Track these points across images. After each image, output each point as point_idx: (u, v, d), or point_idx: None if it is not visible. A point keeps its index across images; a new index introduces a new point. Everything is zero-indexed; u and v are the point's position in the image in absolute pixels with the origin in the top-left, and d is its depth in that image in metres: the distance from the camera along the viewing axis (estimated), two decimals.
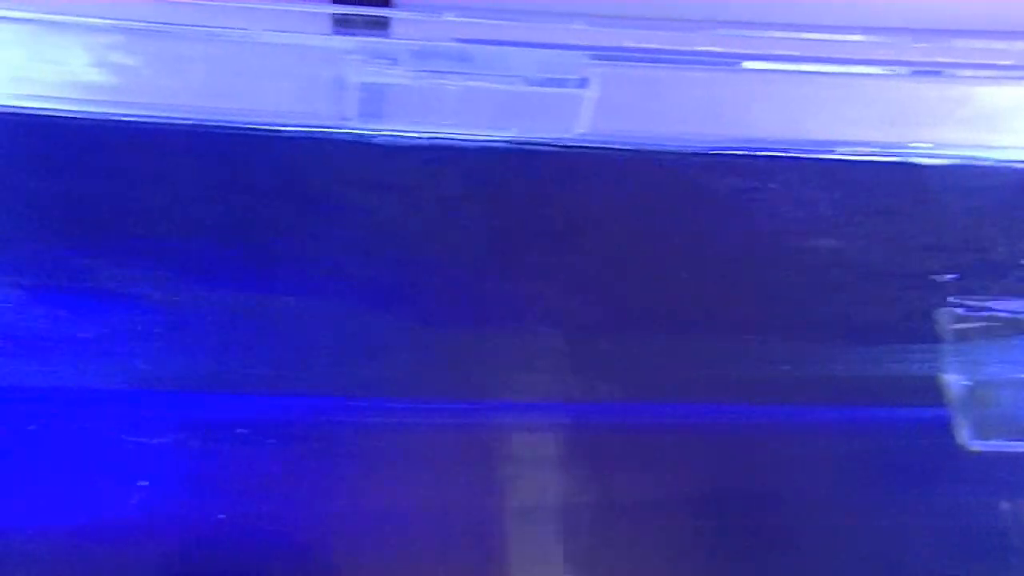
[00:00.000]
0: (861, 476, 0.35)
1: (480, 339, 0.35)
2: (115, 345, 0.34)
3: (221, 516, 0.34)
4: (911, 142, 0.37)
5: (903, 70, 0.35)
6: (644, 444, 0.35)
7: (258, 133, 0.35)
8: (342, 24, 0.33)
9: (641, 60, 0.34)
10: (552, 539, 0.34)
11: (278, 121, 0.35)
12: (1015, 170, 0.38)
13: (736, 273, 0.36)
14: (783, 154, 0.37)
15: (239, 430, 0.35)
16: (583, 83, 0.34)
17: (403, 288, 0.36)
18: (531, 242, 0.36)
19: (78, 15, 0.31)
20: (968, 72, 0.36)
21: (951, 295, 0.36)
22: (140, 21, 0.31)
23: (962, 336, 0.36)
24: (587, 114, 0.35)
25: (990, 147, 0.37)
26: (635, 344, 0.35)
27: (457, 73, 0.33)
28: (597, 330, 0.35)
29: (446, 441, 0.34)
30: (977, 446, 0.35)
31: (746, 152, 0.37)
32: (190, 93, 0.33)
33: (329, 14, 0.34)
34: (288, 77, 0.34)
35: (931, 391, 0.35)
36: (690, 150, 0.36)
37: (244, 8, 0.32)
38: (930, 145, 0.37)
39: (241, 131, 0.34)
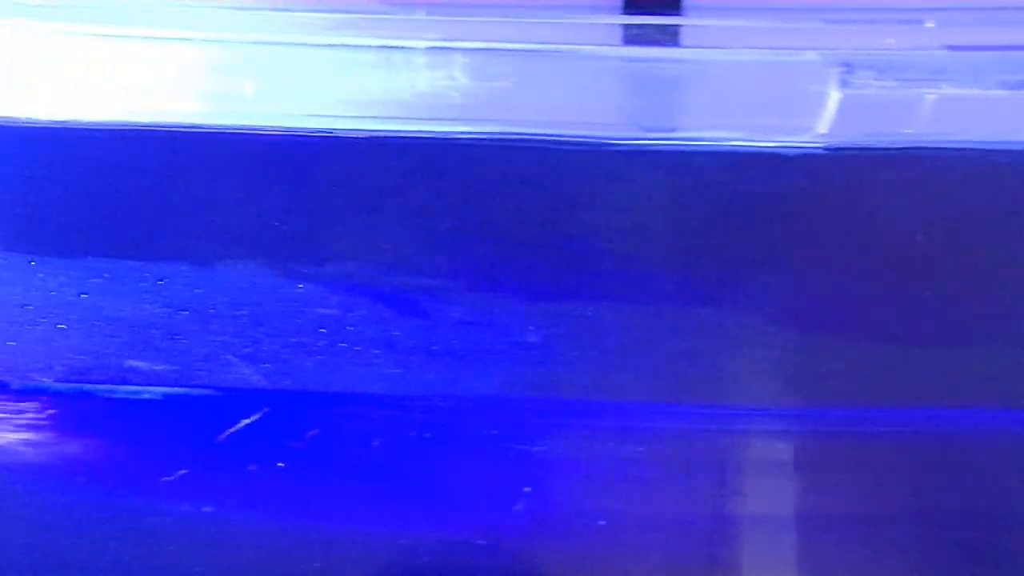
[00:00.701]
0: None
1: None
2: (491, 353, 0.35)
3: (601, 522, 0.35)
4: None
5: None
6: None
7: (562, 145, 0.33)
8: (634, 33, 0.32)
9: None
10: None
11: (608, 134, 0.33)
12: None
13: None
14: None
15: (612, 436, 0.35)
16: None
17: (722, 291, 0.35)
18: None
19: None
20: None
21: None
22: (459, 40, 0.30)
23: None
24: None
25: None
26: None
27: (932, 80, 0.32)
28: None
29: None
30: None
31: None
32: (502, 108, 0.32)
33: (620, 24, 0.32)
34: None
35: None
36: None
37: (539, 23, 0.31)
38: None
39: (541, 143, 0.33)
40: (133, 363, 0.38)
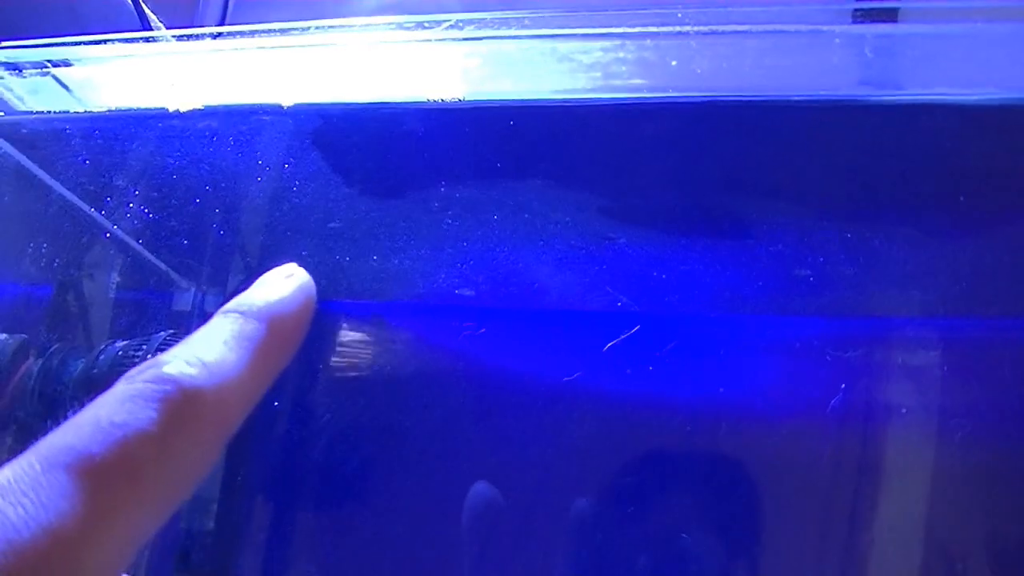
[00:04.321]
0: None
1: None
2: None
3: None
4: None
5: None
6: None
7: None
8: (861, 15, 0.43)
9: None
10: None
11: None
12: None
13: None
14: None
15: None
16: None
17: None
18: None
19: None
20: None
21: None
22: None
23: None
24: None
25: None
26: None
27: None
28: None
29: None
30: None
31: None
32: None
33: (849, 9, 0.43)
34: None
35: None
36: None
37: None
38: None
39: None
40: None
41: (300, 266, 0.26)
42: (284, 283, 0.23)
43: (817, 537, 0.52)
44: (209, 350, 0.20)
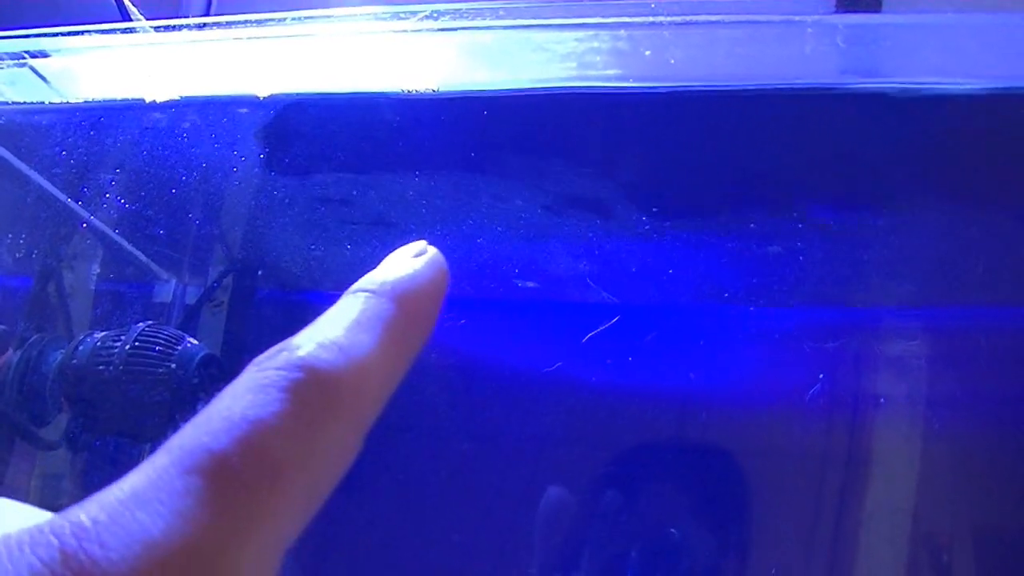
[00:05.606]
0: None
1: None
2: None
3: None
4: None
5: None
6: None
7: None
8: (847, 4, 0.42)
9: None
10: None
11: None
12: None
13: None
14: None
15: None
16: None
17: None
18: None
19: None
20: None
21: None
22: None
23: None
24: None
25: None
26: None
27: None
28: None
29: None
30: None
31: None
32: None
33: None
34: None
35: None
36: None
37: None
38: None
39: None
40: None
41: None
42: (414, 260, 0.21)
43: (798, 523, 0.52)
44: (341, 331, 0.18)
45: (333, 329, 0.18)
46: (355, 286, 0.20)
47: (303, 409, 0.17)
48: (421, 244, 0.21)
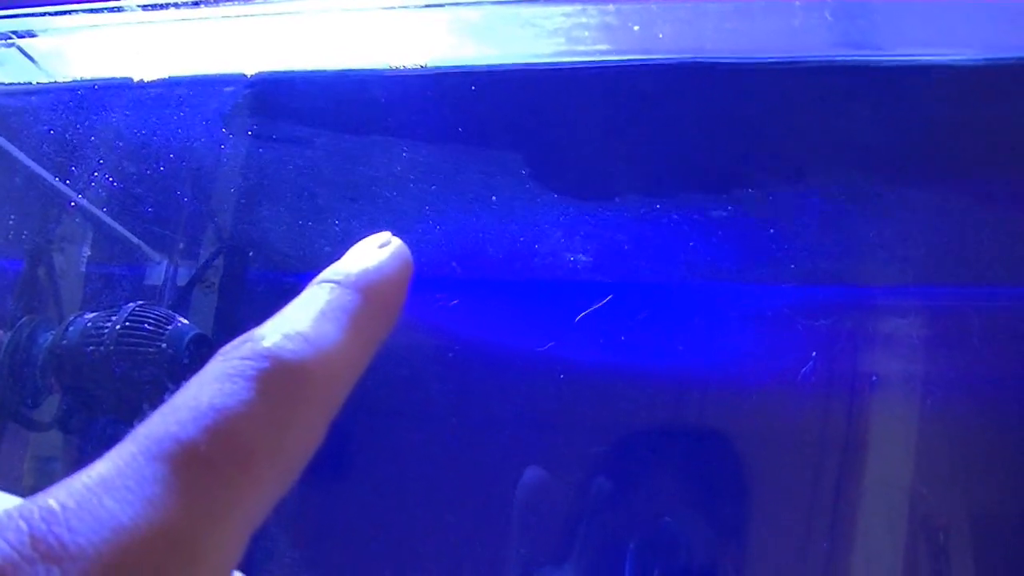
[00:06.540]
0: None
1: None
2: None
3: None
4: None
5: None
6: None
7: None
8: None
9: None
10: None
11: None
12: None
13: None
14: None
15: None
16: None
17: None
18: None
19: None
20: None
21: None
22: None
23: None
24: None
25: None
26: None
27: None
28: None
29: None
30: None
31: None
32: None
33: None
34: None
35: None
36: None
37: None
38: None
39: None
40: None
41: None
42: (379, 251, 0.21)
43: (790, 501, 0.52)
44: (306, 322, 0.19)
45: (298, 319, 0.19)
46: (320, 277, 0.20)
47: (270, 397, 0.17)
48: (385, 235, 0.21)
